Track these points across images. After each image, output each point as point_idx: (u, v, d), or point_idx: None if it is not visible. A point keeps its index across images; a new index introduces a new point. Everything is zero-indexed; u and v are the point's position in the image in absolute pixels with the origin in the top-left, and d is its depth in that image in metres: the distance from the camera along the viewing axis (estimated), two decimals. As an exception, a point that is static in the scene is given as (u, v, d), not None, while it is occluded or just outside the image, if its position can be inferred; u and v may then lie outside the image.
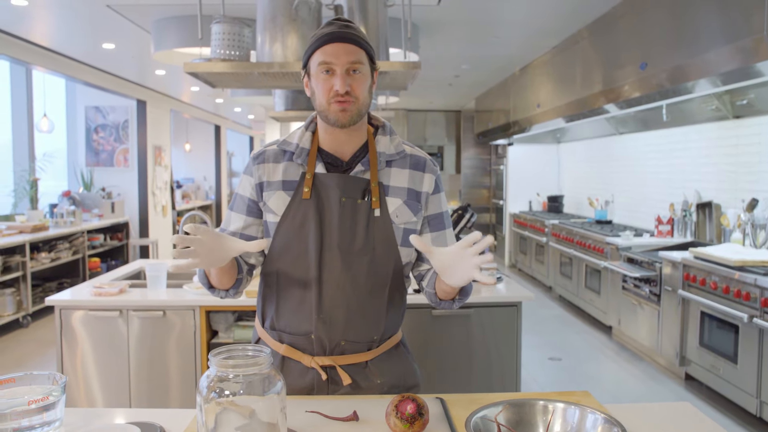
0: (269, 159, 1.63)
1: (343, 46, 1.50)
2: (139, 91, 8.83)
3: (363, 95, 1.53)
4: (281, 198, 1.58)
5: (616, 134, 6.94)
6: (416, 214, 1.62)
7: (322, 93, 1.52)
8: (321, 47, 1.51)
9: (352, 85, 1.50)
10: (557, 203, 8.88)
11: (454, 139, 12.41)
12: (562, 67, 6.30)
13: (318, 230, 1.54)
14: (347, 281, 1.55)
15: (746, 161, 4.69)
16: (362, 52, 1.52)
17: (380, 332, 1.62)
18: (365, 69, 1.54)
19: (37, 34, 5.81)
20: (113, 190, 8.92)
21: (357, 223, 1.56)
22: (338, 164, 1.61)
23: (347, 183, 1.57)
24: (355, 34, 1.52)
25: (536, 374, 4.63)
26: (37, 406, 1.34)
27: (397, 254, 1.59)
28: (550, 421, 1.23)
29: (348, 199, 1.56)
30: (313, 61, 1.53)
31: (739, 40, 3.44)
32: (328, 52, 1.50)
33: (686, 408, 1.58)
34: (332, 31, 1.51)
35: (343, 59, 1.49)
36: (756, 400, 3.61)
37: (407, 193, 1.61)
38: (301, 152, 1.60)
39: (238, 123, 14.83)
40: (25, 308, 6.03)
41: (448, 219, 1.69)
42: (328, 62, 1.50)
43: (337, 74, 1.50)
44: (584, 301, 6.38)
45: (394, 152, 1.63)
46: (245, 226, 1.62)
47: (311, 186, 1.57)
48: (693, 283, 4.22)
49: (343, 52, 1.49)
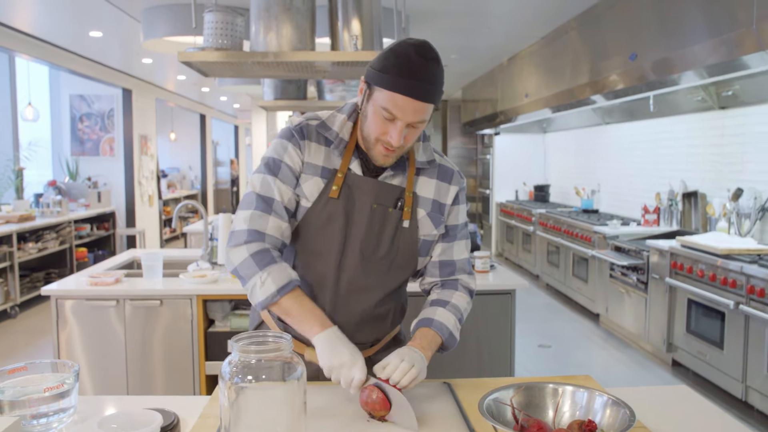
0: (312, 137, 1.53)
1: (416, 104, 1.38)
2: (125, 80, 8.75)
3: (413, 143, 1.48)
4: (317, 185, 1.51)
5: (603, 124, 7.01)
6: (437, 227, 1.59)
7: (375, 131, 1.44)
8: (393, 92, 1.37)
9: (407, 136, 1.43)
10: (544, 192, 8.95)
11: (440, 128, 12.43)
12: (550, 58, 6.34)
13: (343, 232, 1.50)
14: (364, 287, 1.53)
15: (731, 151, 4.77)
16: (431, 106, 1.42)
17: (385, 332, 1.64)
18: (426, 121, 1.45)
19: (21, 21, 5.72)
20: (99, 179, 8.85)
21: (384, 231, 1.53)
22: (371, 166, 1.54)
23: (381, 189, 1.52)
24: (433, 91, 1.39)
25: (526, 362, 4.70)
26: (51, 394, 1.35)
27: (414, 263, 1.59)
28: (559, 403, 1.26)
29: (380, 206, 1.51)
30: (380, 94, 1.39)
31: (725, 34, 3.50)
32: (398, 104, 1.38)
33: (683, 391, 1.64)
34: (411, 83, 1.36)
35: (410, 117, 1.39)
36: (741, 385, 3.70)
37: (432, 204, 1.58)
38: (340, 143, 1.52)
39: (223, 112, 14.74)
40: (13, 299, 5.99)
41: (462, 232, 1.65)
42: (393, 113, 1.39)
43: (397, 126, 1.40)
44: (572, 290, 6.47)
45: (425, 160, 1.58)
46: (290, 199, 1.51)
47: (341, 185, 1.50)
48: (680, 271, 4.30)
49: (412, 110, 1.38)
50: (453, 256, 1.64)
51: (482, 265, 3.43)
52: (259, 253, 1.44)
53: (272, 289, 1.41)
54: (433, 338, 1.51)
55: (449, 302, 1.58)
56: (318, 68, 3.33)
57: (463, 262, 1.65)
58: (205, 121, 13.50)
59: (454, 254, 1.64)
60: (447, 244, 1.63)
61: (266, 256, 1.44)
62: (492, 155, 10.00)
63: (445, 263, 1.63)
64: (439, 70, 1.40)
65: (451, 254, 1.64)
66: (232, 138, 17.03)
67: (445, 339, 1.53)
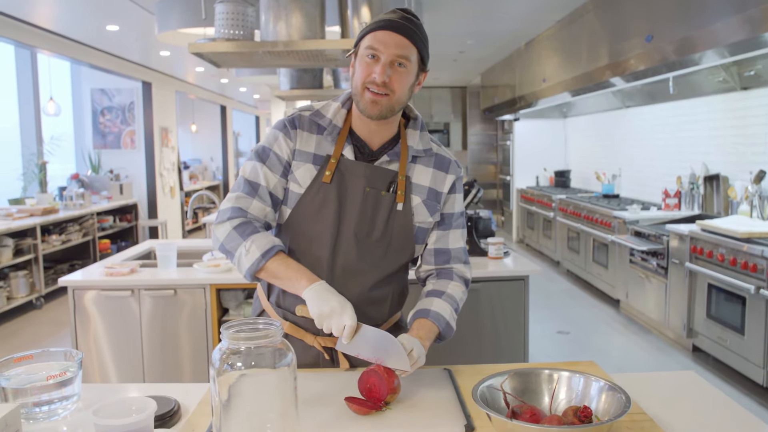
0: (305, 126, 1.57)
1: (396, 36, 1.45)
2: (144, 73, 8.82)
3: (401, 91, 1.48)
4: (309, 171, 1.54)
5: (623, 108, 6.90)
6: (433, 214, 1.60)
7: (360, 76, 1.48)
8: (374, 31, 1.46)
9: (392, 77, 1.46)
10: (564, 178, 8.86)
11: (460, 115, 12.34)
12: (568, 41, 6.24)
13: (336, 216, 1.52)
14: (360, 270, 1.54)
15: (754, 132, 4.66)
16: (413, 48, 1.47)
17: (384, 317, 1.65)
18: (411, 66, 1.49)
19: (42, 17, 5.80)
20: (121, 172, 8.96)
21: (378, 214, 1.54)
22: (366, 151, 1.57)
23: (374, 173, 1.54)
24: (411, 28, 1.47)
25: (545, 348, 4.67)
26: (55, 382, 1.38)
27: (412, 248, 1.60)
28: (554, 389, 1.25)
29: (372, 189, 1.54)
30: (363, 43, 1.48)
31: (748, 10, 3.40)
32: (379, 38, 1.45)
33: (690, 376, 1.61)
34: (390, 19, 1.46)
35: (391, 49, 1.44)
36: (762, 371, 3.63)
37: (428, 192, 1.60)
38: (333, 129, 1.55)
39: (244, 103, 14.80)
40: (38, 290, 6.11)
41: (458, 220, 1.66)
42: (375, 48, 1.45)
43: (380, 62, 1.45)
44: (592, 275, 6.40)
45: (421, 148, 1.59)
46: (276, 186, 1.55)
47: (334, 170, 1.53)
48: (700, 255, 4.22)
49: (393, 43, 1.45)
50: (448, 245, 1.65)
51: (496, 252, 3.41)
52: (241, 225, 1.50)
53: (257, 255, 1.46)
54: (430, 328, 1.52)
55: (445, 292, 1.60)
56: (329, 56, 3.32)
57: (458, 251, 1.66)
58: (225, 112, 13.57)
59: (449, 242, 1.65)
60: (442, 232, 1.65)
61: (248, 227, 1.50)
62: (512, 141, 9.91)
63: (440, 251, 1.65)
64: (419, 22, 1.49)
65: (447, 242, 1.65)
66: (254, 128, 17.11)
67: (443, 329, 1.55)
